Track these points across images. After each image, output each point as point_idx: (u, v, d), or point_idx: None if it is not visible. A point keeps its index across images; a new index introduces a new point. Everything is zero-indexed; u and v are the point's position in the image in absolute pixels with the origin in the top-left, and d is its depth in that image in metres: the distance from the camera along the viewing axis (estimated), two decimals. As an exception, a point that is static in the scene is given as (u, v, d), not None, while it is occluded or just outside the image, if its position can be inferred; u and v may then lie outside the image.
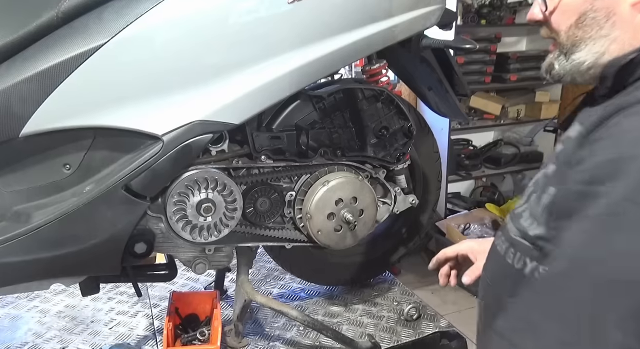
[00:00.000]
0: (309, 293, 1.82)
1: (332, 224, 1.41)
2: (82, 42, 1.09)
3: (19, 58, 1.10)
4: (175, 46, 1.15)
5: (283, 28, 1.20)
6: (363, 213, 1.43)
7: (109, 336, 1.58)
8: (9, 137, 1.10)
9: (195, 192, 1.24)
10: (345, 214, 1.40)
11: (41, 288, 1.27)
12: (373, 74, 1.50)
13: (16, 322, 1.65)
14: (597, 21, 0.78)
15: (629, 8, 0.76)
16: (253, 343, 1.53)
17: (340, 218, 1.41)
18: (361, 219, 1.43)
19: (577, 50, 0.81)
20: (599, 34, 0.78)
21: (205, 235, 1.28)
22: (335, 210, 1.40)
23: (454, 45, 1.51)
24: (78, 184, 1.19)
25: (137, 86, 1.14)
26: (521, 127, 3.47)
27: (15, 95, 1.07)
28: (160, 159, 1.16)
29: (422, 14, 1.36)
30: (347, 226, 1.41)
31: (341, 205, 1.40)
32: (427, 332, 1.58)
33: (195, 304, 1.56)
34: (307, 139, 1.37)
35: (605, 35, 0.78)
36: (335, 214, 1.40)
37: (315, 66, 1.24)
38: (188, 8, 1.13)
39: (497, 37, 3.18)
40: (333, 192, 1.38)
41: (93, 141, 1.18)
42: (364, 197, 1.42)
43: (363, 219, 1.44)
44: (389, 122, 1.44)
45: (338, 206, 1.40)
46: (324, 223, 1.40)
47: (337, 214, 1.40)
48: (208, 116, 1.18)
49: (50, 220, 1.13)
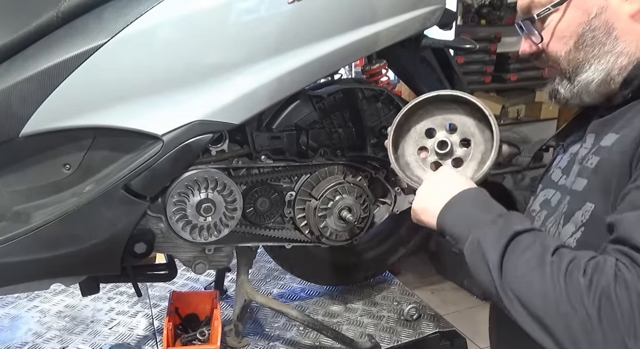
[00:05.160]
0: (309, 293, 1.82)
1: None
2: (82, 42, 1.09)
3: (19, 58, 1.10)
4: (175, 46, 1.15)
5: (283, 28, 1.20)
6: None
7: (109, 336, 1.58)
8: (9, 137, 1.10)
9: (195, 192, 1.24)
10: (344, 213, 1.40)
11: (41, 288, 1.27)
12: (373, 74, 1.49)
13: (16, 322, 1.65)
14: (597, 39, 0.77)
15: (628, 20, 0.75)
16: (253, 343, 1.53)
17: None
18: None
19: (582, 72, 0.79)
20: (602, 51, 0.77)
21: (205, 235, 1.28)
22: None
23: (454, 45, 1.51)
24: (78, 184, 1.19)
25: (137, 86, 1.14)
26: (521, 127, 3.47)
27: (15, 95, 1.07)
28: (160, 159, 1.16)
29: (422, 14, 1.36)
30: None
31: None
32: (427, 332, 1.58)
33: (195, 304, 1.56)
34: (307, 139, 1.37)
35: (609, 51, 0.76)
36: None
37: (315, 66, 1.24)
38: (188, 8, 1.13)
39: (497, 37, 3.19)
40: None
41: (93, 141, 1.18)
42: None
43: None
44: (389, 122, 1.44)
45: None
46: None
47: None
48: (208, 116, 1.18)
49: (50, 220, 1.13)
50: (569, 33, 0.78)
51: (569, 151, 0.88)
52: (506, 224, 0.71)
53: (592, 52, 0.78)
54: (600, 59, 0.77)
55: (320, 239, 1.43)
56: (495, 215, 0.74)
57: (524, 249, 0.67)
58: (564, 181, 0.84)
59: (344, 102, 1.41)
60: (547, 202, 0.85)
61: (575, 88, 0.80)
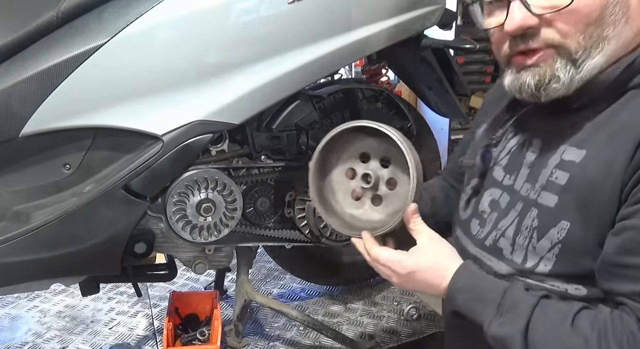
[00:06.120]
0: (309, 293, 1.82)
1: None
2: (82, 42, 1.09)
3: (19, 58, 1.10)
4: (175, 46, 1.15)
5: (283, 28, 1.20)
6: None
7: (109, 336, 1.58)
8: (9, 137, 1.10)
9: (195, 192, 1.24)
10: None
11: (41, 288, 1.27)
12: (373, 74, 1.50)
13: (16, 322, 1.65)
14: (616, 17, 0.65)
15: (637, 3, 0.66)
16: (253, 343, 1.53)
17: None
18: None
19: (591, 55, 0.66)
20: (615, 32, 0.65)
21: (205, 235, 1.28)
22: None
23: (454, 45, 1.51)
24: (78, 184, 1.19)
25: (137, 86, 1.14)
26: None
27: (15, 95, 1.07)
28: (160, 159, 1.16)
29: (422, 14, 1.36)
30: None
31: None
32: (427, 332, 1.58)
33: (195, 304, 1.56)
34: (307, 139, 1.37)
35: (618, 34, 0.65)
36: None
37: (315, 66, 1.24)
38: (188, 8, 1.13)
39: (497, 37, 3.18)
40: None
41: (93, 141, 1.18)
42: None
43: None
44: (389, 122, 1.44)
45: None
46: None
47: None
48: (208, 116, 1.18)
49: (50, 220, 1.13)
50: (593, 3, 0.64)
51: (506, 147, 0.81)
52: (513, 316, 0.67)
53: (607, 31, 0.65)
54: (610, 41, 0.65)
55: (320, 239, 1.43)
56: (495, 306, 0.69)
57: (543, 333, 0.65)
58: (509, 181, 0.78)
59: (344, 102, 1.41)
60: (496, 204, 0.79)
61: (579, 75, 0.66)
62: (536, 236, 0.70)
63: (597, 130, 0.67)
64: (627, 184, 0.62)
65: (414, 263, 0.78)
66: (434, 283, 0.77)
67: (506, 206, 0.77)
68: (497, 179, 0.81)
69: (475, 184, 0.86)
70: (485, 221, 0.80)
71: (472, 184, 0.86)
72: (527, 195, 0.73)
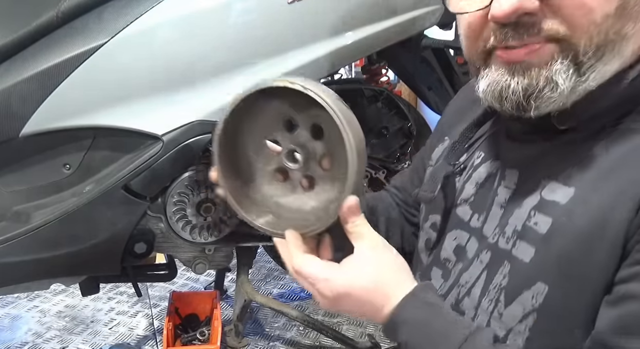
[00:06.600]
0: (309, 293, 1.82)
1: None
2: (82, 42, 1.09)
3: (19, 58, 1.10)
4: (175, 46, 1.15)
5: (283, 28, 1.20)
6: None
7: (109, 336, 1.58)
8: (9, 137, 1.10)
9: (195, 192, 1.24)
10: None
11: (41, 288, 1.27)
12: (373, 74, 1.50)
13: (16, 322, 1.65)
14: (637, 10, 0.47)
15: None
16: (253, 343, 1.53)
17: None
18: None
19: (608, 57, 0.48)
20: (635, 29, 0.48)
21: (205, 235, 1.28)
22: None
23: (454, 45, 1.51)
24: (78, 184, 1.19)
25: (137, 86, 1.14)
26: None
27: (15, 95, 1.07)
28: (160, 159, 1.16)
29: (422, 14, 1.36)
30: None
31: None
32: (427, 332, 1.58)
33: (195, 304, 1.56)
34: (307, 139, 1.36)
35: (638, 32, 0.48)
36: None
37: (314, 66, 1.24)
38: (188, 8, 1.13)
39: (497, 37, 3.18)
40: None
41: (93, 141, 1.18)
42: None
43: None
44: (389, 122, 1.44)
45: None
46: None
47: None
48: (208, 116, 1.18)
49: (50, 220, 1.13)
50: None
51: (473, 177, 0.64)
52: None
53: (626, 29, 0.48)
54: (629, 41, 0.48)
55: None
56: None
57: None
58: (477, 222, 0.61)
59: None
60: (462, 251, 0.61)
61: (583, 84, 0.49)
62: (503, 299, 0.53)
63: (592, 162, 0.50)
64: (633, 238, 0.46)
65: (346, 282, 0.56)
66: (371, 309, 0.56)
67: (473, 256, 0.59)
68: (462, 219, 0.63)
69: (436, 222, 0.68)
70: (450, 273, 0.62)
71: (432, 221, 0.69)
72: (498, 243, 0.56)
